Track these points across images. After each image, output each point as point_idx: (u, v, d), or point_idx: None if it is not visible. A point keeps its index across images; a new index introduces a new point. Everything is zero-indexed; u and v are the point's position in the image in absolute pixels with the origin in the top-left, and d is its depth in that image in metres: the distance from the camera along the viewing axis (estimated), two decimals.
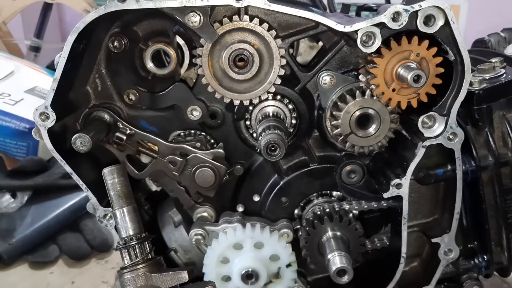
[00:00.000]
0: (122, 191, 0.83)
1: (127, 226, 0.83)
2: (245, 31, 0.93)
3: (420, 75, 0.84)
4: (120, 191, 0.83)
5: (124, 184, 0.84)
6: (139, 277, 0.80)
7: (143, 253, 0.82)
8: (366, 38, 0.86)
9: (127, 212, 0.83)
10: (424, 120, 0.91)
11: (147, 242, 0.84)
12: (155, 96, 1.01)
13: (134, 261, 0.81)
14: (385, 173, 0.98)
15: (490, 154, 0.96)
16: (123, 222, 0.83)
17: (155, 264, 0.82)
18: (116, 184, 0.83)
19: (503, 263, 1.03)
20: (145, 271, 0.80)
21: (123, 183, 0.84)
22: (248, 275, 0.96)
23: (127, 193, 0.84)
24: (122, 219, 0.83)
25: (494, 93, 0.96)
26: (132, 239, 0.82)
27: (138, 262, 0.81)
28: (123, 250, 0.82)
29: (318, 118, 1.02)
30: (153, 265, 0.82)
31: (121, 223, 0.83)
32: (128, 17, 0.96)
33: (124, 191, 0.84)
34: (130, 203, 0.84)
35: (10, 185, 1.40)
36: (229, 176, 1.06)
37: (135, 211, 0.84)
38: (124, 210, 0.83)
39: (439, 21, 0.84)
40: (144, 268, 0.81)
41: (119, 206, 0.83)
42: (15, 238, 1.34)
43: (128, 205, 0.83)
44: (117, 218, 0.83)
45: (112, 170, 0.84)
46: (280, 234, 1.01)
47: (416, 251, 1.08)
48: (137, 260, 0.81)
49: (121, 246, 0.82)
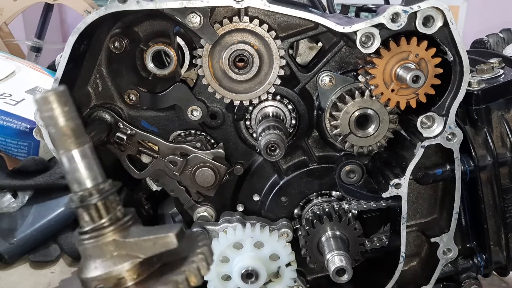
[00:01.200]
0: (67, 126, 0.54)
1: (80, 177, 0.56)
2: (245, 32, 0.94)
3: (419, 75, 0.84)
4: (65, 126, 0.54)
5: (70, 116, 0.54)
6: (106, 245, 0.56)
7: (109, 210, 0.57)
8: (365, 39, 0.87)
9: (79, 155, 0.55)
10: (423, 120, 0.91)
11: (112, 195, 0.58)
12: (155, 96, 1.02)
13: (98, 223, 0.56)
14: (384, 173, 0.98)
15: (489, 154, 0.97)
16: (74, 171, 0.55)
17: (127, 225, 0.58)
18: (57, 116, 0.53)
19: (502, 263, 1.03)
20: (115, 236, 0.56)
21: (68, 115, 0.54)
22: (248, 274, 0.97)
23: (75, 129, 0.54)
24: (73, 166, 0.55)
25: (492, 93, 0.97)
26: (92, 194, 0.56)
27: (103, 224, 0.56)
28: (80, 209, 0.57)
29: (318, 118, 1.02)
30: (125, 227, 0.57)
31: (71, 173, 0.56)
32: (129, 18, 0.96)
33: (71, 125, 0.54)
34: (82, 143, 0.55)
35: (11, 185, 1.40)
36: (229, 176, 1.06)
37: (92, 153, 0.56)
38: (73, 154, 0.55)
39: (438, 22, 0.85)
40: (113, 232, 0.57)
41: (65, 149, 0.55)
42: (16, 237, 1.34)
43: (80, 146, 0.55)
44: (65, 166, 0.55)
45: (48, 97, 0.53)
46: (279, 233, 1.01)
47: (415, 250, 1.08)
48: (102, 222, 0.56)
49: (76, 205, 0.57)
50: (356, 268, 1.05)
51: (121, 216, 0.58)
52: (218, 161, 1.02)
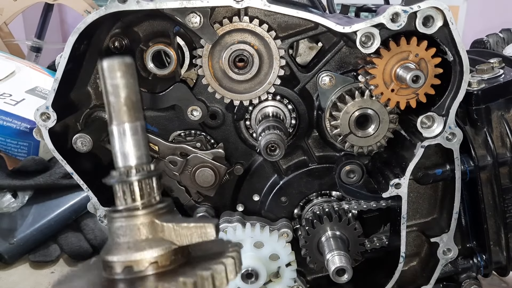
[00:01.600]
0: (129, 98, 0.52)
1: (126, 152, 0.53)
2: (245, 31, 0.94)
3: (419, 75, 0.84)
4: (127, 98, 0.51)
5: (132, 90, 0.52)
6: (144, 226, 0.53)
7: (147, 192, 0.54)
8: (365, 39, 0.87)
9: (131, 130, 0.52)
10: (423, 120, 0.91)
11: (154, 178, 0.55)
12: (155, 96, 1.02)
13: (135, 203, 0.54)
14: (384, 173, 0.98)
15: (489, 154, 0.97)
16: (122, 145, 0.53)
17: (163, 211, 0.55)
18: (121, 86, 0.51)
19: (502, 263, 1.03)
20: (154, 217, 0.53)
21: (131, 87, 0.52)
22: (248, 274, 0.97)
23: (135, 103, 0.52)
24: (121, 140, 0.53)
25: (492, 93, 0.97)
26: (134, 172, 0.54)
27: (139, 205, 0.53)
28: (119, 185, 0.54)
29: (318, 118, 1.02)
30: (160, 213, 0.54)
31: (118, 146, 0.53)
32: (129, 18, 0.96)
33: (133, 98, 0.52)
34: (138, 119, 0.53)
35: (11, 185, 1.40)
36: (229, 176, 1.06)
37: (143, 132, 0.54)
38: (126, 128, 0.52)
39: (437, 22, 0.85)
40: (149, 215, 0.53)
41: (119, 121, 0.52)
42: (16, 237, 1.34)
43: (134, 121, 0.52)
44: (114, 138, 0.53)
45: (116, 65, 0.50)
46: (279, 233, 1.01)
47: (415, 250, 1.08)
48: (140, 202, 0.53)
49: (115, 180, 0.54)
50: (356, 268, 1.05)
51: (159, 201, 0.55)
52: (218, 161, 1.02)
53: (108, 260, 0.53)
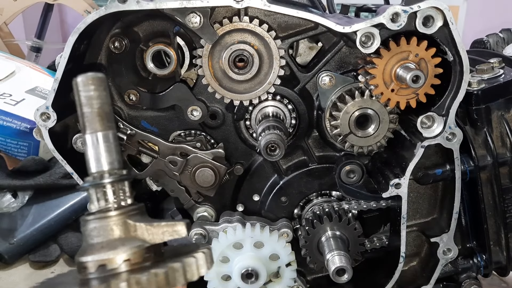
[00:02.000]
0: (101, 109, 0.57)
1: (99, 158, 0.58)
2: (245, 32, 0.94)
3: (419, 75, 0.85)
4: (99, 108, 0.57)
5: (104, 101, 0.58)
6: (117, 226, 0.56)
7: (122, 194, 0.58)
8: (365, 39, 0.87)
9: (103, 138, 0.57)
10: (423, 120, 0.91)
11: (125, 182, 0.60)
12: (155, 96, 1.02)
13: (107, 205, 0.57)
14: (384, 173, 0.98)
15: (489, 154, 0.97)
16: (95, 151, 0.58)
17: (134, 213, 0.59)
18: (94, 98, 0.57)
19: (502, 263, 1.03)
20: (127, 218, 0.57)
21: (103, 99, 0.57)
22: (248, 274, 0.97)
23: (107, 113, 0.58)
24: (95, 147, 0.57)
25: (492, 93, 0.97)
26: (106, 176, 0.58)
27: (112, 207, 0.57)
28: (93, 188, 0.58)
29: (318, 118, 1.02)
30: (132, 214, 0.58)
31: (91, 153, 0.58)
32: (129, 18, 0.96)
33: (104, 109, 0.57)
34: (110, 128, 0.58)
35: (11, 185, 1.40)
36: (229, 176, 1.06)
37: (115, 140, 0.59)
38: (99, 136, 0.57)
39: (437, 22, 0.85)
40: (122, 216, 0.57)
41: (92, 130, 0.57)
42: (16, 237, 1.34)
43: (106, 130, 0.58)
44: (87, 146, 0.58)
45: (89, 79, 0.57)
46: (279, 233, 1.01)
47: (415, 250, 1.08)
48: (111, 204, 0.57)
49: (89, 183, 0.58)
50: (356, 268, 1.05)
51: (130, 204, 0.59)
52: (218, 161, 1.02)
53: (82, 261, 0.55)
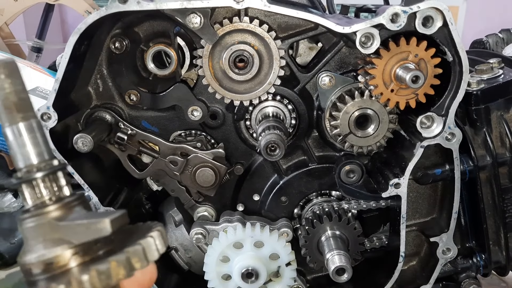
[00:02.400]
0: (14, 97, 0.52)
1: (25, 152, 0.53)
2: (245, 32, 0.94)
3: (418, 75, 0.85)
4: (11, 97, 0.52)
5: (17, 88, 0.52)
6: (42, 227, 0.52)
7: (52, 189, 0.54)
8: (365, 39, 0.87)
9: (25, 130, 0.53)
10: (423, 120, 0.92)
11: (59, 173, 0.55)
12: (156, 96, 1.02)
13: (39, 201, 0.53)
14: (384, 173, 0.99)
15: (488, 154, 0.97)
16: (19, 145, 0.53)
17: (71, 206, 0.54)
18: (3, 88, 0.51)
19: (501, 262, 1.04)
20: (52, 217, 0.53)
21: (14, 86, 0.52)
22: (248, 274, 0.97)
23: (23, 101, 0.53)
24: (17, 141, 0.52)
25: (492, 93, 0.97)
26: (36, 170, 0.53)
27: (44, 203, 0.53)
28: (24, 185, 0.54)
29: (318, 118, 1.02)
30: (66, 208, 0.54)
31: (15, 148, 0.53)
32: (129, 19, 0.97)
33: (19, 96, 0.52)
34: (30, 117, 0.53)
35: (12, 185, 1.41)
36: (230, 175, 1.07)
37: (39, 129, 0.54)
38: (19, 128, 0.52)
39: (437, 22, 0.85)
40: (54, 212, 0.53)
41: (11, 122, 0.52)
42: (17, 237, 1.35)
43: (26, 120, 0.52)
44: (9, 140, 0.53)
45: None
46: (279, 233, 1.01)
47: (415, 250, 1.08)
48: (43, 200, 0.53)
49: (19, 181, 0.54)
50: (355, 267, 1.05)
51: (66, 196, 0.54)
52: (218, 161, 1.02)
53: (26, 263, 0.51)
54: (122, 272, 0.50)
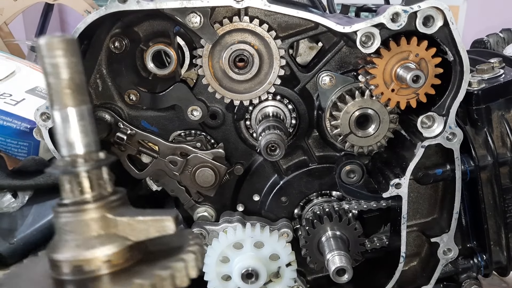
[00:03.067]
0: (71, 79, 0.46)
1: (72, 140, 0.47)
2: (245, 31, 0.94)
3: (419, 75, 0.84)
4: (68, 79, 0.46)
5: (75, 70, 0.47)
6: (93, 221, 0.47)
7: (97, 183, 0.49)
8: (366, 39, 0.87)
9: (76, 115, 0.47)
10: (423, 120, 0.91)
11: (104, 167, 0.50)
12: (155, 96, 1.02)
13: (83, 195, 0.48)
14: (384, 173, 0.98)
15: (489, 154, 0.97)
16: (66, 132, 0.47)
17: (116, 204, 0.49)
18: (61, 65, 0.46)
19: (502, 263, 1.03)
20: (105, 211, 0.48)
21: (74, 66, 0.47)
22: (248, 274, 0.97)
23: (78, 84, 0.47)
24: (65, 126, 0.47)
25: (493, 93, 0.97)
26: (81, 161, 0.48)
27: (89, 198, 0.48)
28: (65, 176, 0.48)
29: (318, 118, 1.02)
30: (112, 206, 0.49)
31: (62, 134, 0.47)
32: (129, 18, 0.96)
33: (75, 79, 0.47)
34: (82, 102, 0.47)
35: (11, 185, 1.40)
36: (229, 176, 1.06)
37: (90, 117, 0.48)
38: (69, 112, 0.47)
39: (438, 22, 0.85)
40: (100, 209, 0.48)
41: (61, 105, 0.47)
42: (16, 237, 1.34)
43: (78, 105, 0.47)
44: (57, 125, 0.47)
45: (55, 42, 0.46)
46: (280, 233, 1.01)
47: (415, 250, 1.08)
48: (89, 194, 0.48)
49: (61, 171, 0.48)
50: (356, 268, 1.05)
51: (110, 193, 0.50)
52: (218, 161, 1.02)
53: (55, 259, 0.48)
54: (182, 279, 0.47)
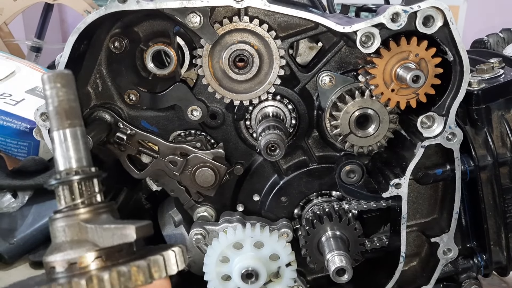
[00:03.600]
0: (66, 105, 0.58)
1: (68, 156, 0.58)
2: (245, 31, 0.94)
3: (419, 75, 0.84)
4: (63, 105, 0.58)
5: (69, 97, 0.58)
6: (71, 227, 0.56)
7: (86, 193, 0.58)
8: (365, 39, 0.87)
9: (70, 136, 0.58)
10: (423, 120, 0.91)
11: (95, 180, 0.60)
12: (155, 96, 1.02)
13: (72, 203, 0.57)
14: (384, 173, 0.98)
15: (489, 154, 0.97)
16: (63, 149, 0.58)
17: (99, 212, 0.58)
18: (58, 95, 0.57)
19: (502, 263, 1.03)
20: (82, 219, 0.56)
21: (67, 95, 0.58)
22: (248, 274, 0.97)
23: (72, 109, 0.58)
24: (62, 145, 0.58)
25: (493, 93, 0.97)
26: (74, 173, 0.58)
27: (76, 205, 0.57)
28: (59, 186, 0.58)
29: (318, 118, 1.02)
30: (96, 213, 0.58)
31: (59, 151, 0.58)
32: (129, 18, 0.96)
33: (70, 105, 0.58)
34: (76, 125, 0.59)
35: (11, 185, 1.40)
36: (229, 176, 1.06)
37: (83, 137, 0.60)
38: (66, 133, 0.58)
39: (438, 22, 0.85)
40: (83, 215, 0.57)
41: (59, 127, 0.58)
42: (16, 237, 1.34)
43: (72, 127, 0.58)
44: (55, 144, 0.58)
45: (55, 76, 0.58)
46: (280, 233, 1.01)
47: (415, 250, 1.08)
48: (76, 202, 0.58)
49: (55, 181, 0.58)
50: (356, 268, 1.05)
51: (97, 202, 0.59)
52: (218, 161, 1.02)
53: (50, 261, 0.54)
54: (141, 278, 0.53)
